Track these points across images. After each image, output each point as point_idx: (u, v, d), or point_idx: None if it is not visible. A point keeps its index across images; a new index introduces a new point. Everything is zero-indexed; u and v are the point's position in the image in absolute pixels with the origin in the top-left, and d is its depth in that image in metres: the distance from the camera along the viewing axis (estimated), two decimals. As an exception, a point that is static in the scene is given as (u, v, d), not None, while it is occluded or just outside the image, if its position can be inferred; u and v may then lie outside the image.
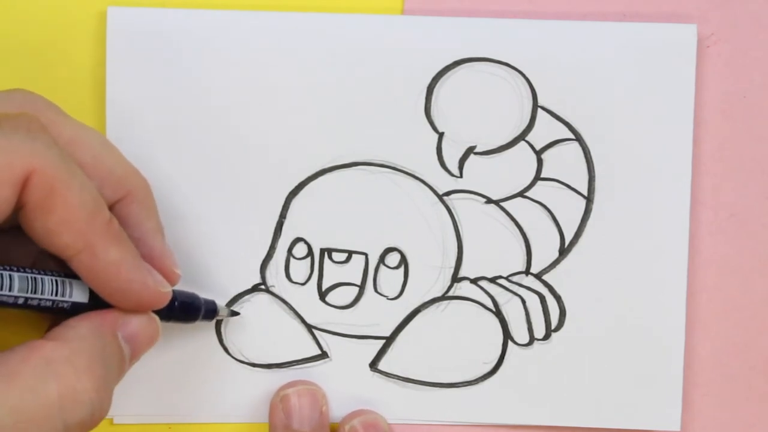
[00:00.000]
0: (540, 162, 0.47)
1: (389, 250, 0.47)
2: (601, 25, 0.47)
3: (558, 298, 0.47)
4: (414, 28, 0.47)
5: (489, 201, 0.47)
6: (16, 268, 0.38)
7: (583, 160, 0.47)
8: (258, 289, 0.47)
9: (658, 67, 0.47)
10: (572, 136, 0.47)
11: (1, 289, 0.37)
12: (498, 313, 0.47)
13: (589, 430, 0.47)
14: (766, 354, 0.48)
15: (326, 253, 0.47)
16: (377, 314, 0.47)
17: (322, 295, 0.47)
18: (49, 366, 0.36)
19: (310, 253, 0.47)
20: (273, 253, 0.47)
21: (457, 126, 0.47)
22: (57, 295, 0.38)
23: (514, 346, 0.47)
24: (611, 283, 0.47)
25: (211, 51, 0.47)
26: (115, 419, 0.47)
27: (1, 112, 0.36)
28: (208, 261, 0.47)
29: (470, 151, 0.47)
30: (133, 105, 0.46)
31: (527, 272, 0.47)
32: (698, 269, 0.48)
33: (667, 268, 0.47)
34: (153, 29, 0.46)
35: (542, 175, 0.47)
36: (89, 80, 0.47)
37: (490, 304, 0.47)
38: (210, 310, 0.45)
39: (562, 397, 0.47)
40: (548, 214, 0.47)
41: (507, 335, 0.47)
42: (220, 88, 0.47)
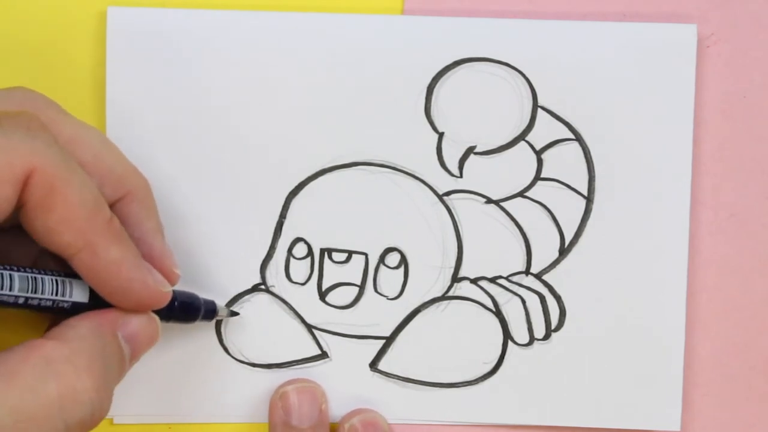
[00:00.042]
0: (540, 162, 0.47)
1: (389, 250, 0.47)
2: (601, 25, 0.47)
3: (558, 298, 0.47)
4: (414, 28, 0.47)
5: (489, 201, 0.47)
6: (16, 268, 0.37)
7: (583, 160, 0.47)
8: (258, 289, 0.47)
9: (658, 67, 0.47)
10: (572, 136, 0.47)
11: (2, 289, 0.37)
12: (498, 313, 0.47)
13: (589, 430, 0.47)
14: (766, 354, 0.48)
15: (326, 253, 0.47)
16: (377, 314, 0.47)
17: (322, 295, 0.47)
18: (49, 365, 0.36)
19: (310, 253, 0.47)
20: (273, 253, 0.47)
21: (457, 126, 0.47)
22: (57, 294, 0.38)
23: (514, 346, 0.47)
24: (611, 283, 0.47)
25: (211, 51, 0.47)
26: (115, 419, 0.47)
27: (1, 110, 0.37)
28: (208, 261, 0.47)
29: (470, 151, 0.47)
30: (133, 105, 0.46)
31: (527, 272, 0.47)
32: (698, 269, 0.48)
33: (667, 268, 0.47)
34: (153, 29, 0.46)
35: (542, 175, 0.47)
36: (89, 80, 0.47)
37: (490, 304, 0.47)
38: (209, 310, 0.45)
39: (562, 397, 0.47)
40: (548, 214, 0.47)
41: (507, 335, 0.47)
42: (220, 88, 0.47)
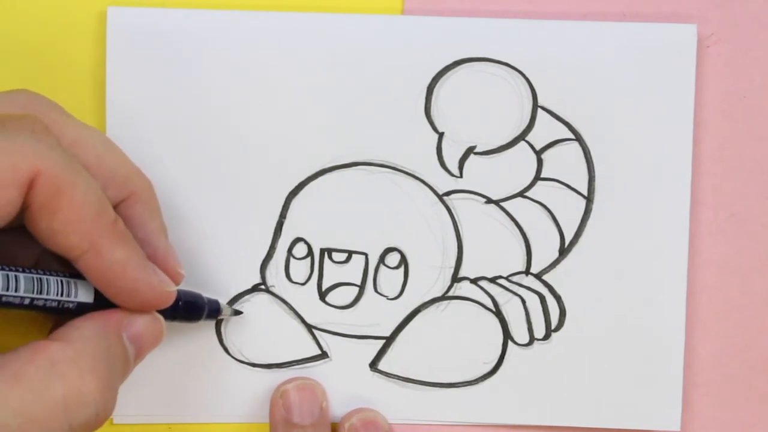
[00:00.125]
0: (540, 162, 0.47)
1: (389, 250, 0.47)
2: (601, 25, 0.47)
3: (558, 298, 0.47)
4: (414, 28, 0.47)
5: (489, 201, 0.47)
6: (21, 269, 0.37)
7: (583, 160, 0.47)
8: (258, 289, 0.47)
9: (658, 67, 0.47)
10: (572, 136, 0.47)
11: (7, 290, 0.37)
12: (498, 313, 0.47)
13: (589, 430, 0.47)
14: (766, 354, 0.48)
15: (326, 253, 0.47)
16: (377, 314, 0.47)
17: (322, 295, 0.47)
18: (54, 367, 0.36)
19: (310, 253, 0.47)
20: (273, 253, 0.47)
21: (457, 126, 0.47)
22: (62, 295, 0.38)
23: (514, 346, 0.47)
24: (611, 283, 0.47)
25: (211, 51, 0.46)
26: (115, 419, 0.47)
27: (4, 113, 0.37)
28: (208, 261, 0.47)
29: (470, 151, 0.47)
30: (133, 105, 0.46)
31: (527, 272, 0.47)
32: (698, 269, 0.48)
33: (667, 268, 0.47)
34: (153, 29, 0.46)
35: (542, 175, 0.47)
36: (89, 80, 0.47)
37: (490, 304, 0.47)
38: (213, 309, 0.45)
39: (562, 397, 0.47)
40: (548, 214, 0.47)
41: (507, 335, 0.47)
42: (220, 88, 0.47)
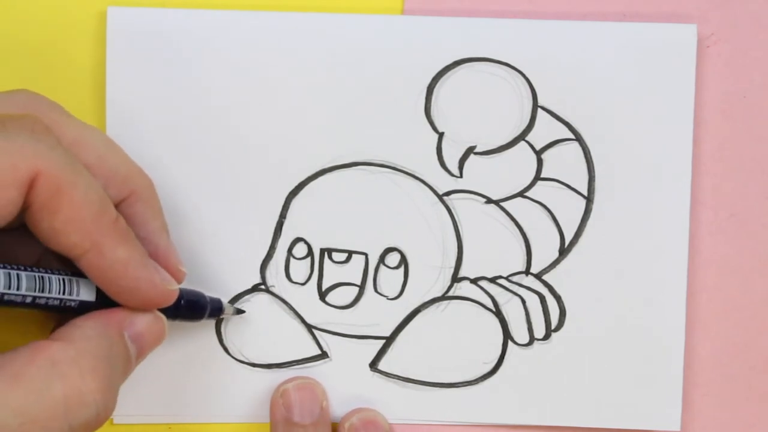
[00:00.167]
0: (540, 162, 0.47)
1: (389, 250, 0.47)
2: (601, 25, 0.47)
3: (558, 298, 0.47)
4: (414, 28, 0.47)
5: (489, 201, 0.47)
6: (23, 267, 0.37)
7: (583, 160, 0.47)
8: (258, 289, 0.47)
9: (658, 67, 0.47)
10: (572, 136, 0.47)
11: (9, 288, 0.37)
12: (498, 313, 0.47)
13: (589, 430, 0.47)
14: (766, 354, 0.48)
15: (326, 253, 0.47)
16: (377, 314, 0.47)
17: (322, 295, 0.47)
18: (55, 367, 0.36)
19: (310, 253, 0.47)
20: (273, 253, 0.47)
21: (457, 126, 0.47)
22: (64, 293, 0.38)
23: (514, 346, 0.47)
24: (611, 283, 0.47)
25: (211, 51, 0.46)
26: (115, 419, 0.47)
27: (4, 113, 0.37)
28: (208, 261, 0.47)
29: (470, 151, 0.47)
30: (133, 105, 0.46)
31: (527, 272, 0.47)
32: (698, 269, 0.48)
33: (667, 268, 0.47)
34: (153, 29, 0.46)
35: (542, 175, 0.47)
36: (89, 80, 0.47)
37: (490, 304, 0.47)
38: (216, 308, 0.45)
39: (562, 397, 0.47)
40: (548, 214, 0.47)
41: (507, 335, 0.47)
42: (220, 88, 0.47)
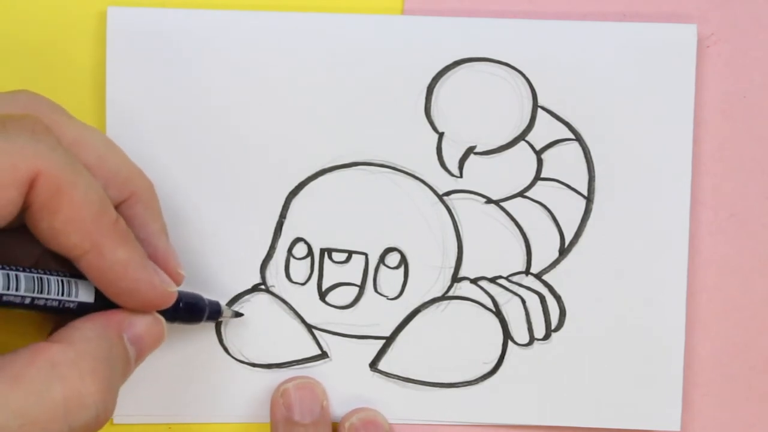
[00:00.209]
0: (540, 162, 0.47)
1: (389, 250, 0.47)
2: (601, 25, 0.47)
3: (558, 298, 0.47)
4: (414, 28, 0.47)
5: (489, 201, 0.47)
6: (22, 268, 0.37)
7: (583, 160, 0.47)
8: (258, 289, 0.47)
9: (658, 67, 0.47)
10: (572, 136, 0.47)
11: (8, 289, 0.36)
12: (498, 313, 0.47)
13: (589, 430, 0.47)
14: (766, 354, 0.48)
15: (326, 253, 0.47)
16: (377, 314, 0.47)
17: (322, 295, 0.47)
18: (55, 369, 0.36)
19: (310, 253, 0.47)
20: (273, 253, 0.47)
21: (457, 126, 0.47)
22: (63, 295, 0.38)
23: (514, 346, 0.47)
24: (611, 283, 0.47)
25: (211, 51, 0.46)
26: (115, 419, 0.47)
27: (5, 113, 0.37)
28: (208, 261, 0.47)
29: (470, 151, 0.47)
30: (133, 105, 0.46)
31: (527, 272, 0.47)
32: (698, 269, 0.48)
33: (667, 268, 0.47)
34: (153, 29, 0.46)
35: (542, 175, 0.47)
36: (89, 80, 0.47)
37: (490, 304, 0.47)
38: (214, 311, 0.45)
39: (562, 397, 0.47)
40: (548, 214, 0.47)
41: (507, 335, 0.47)
42: (220, 88, 0.47)
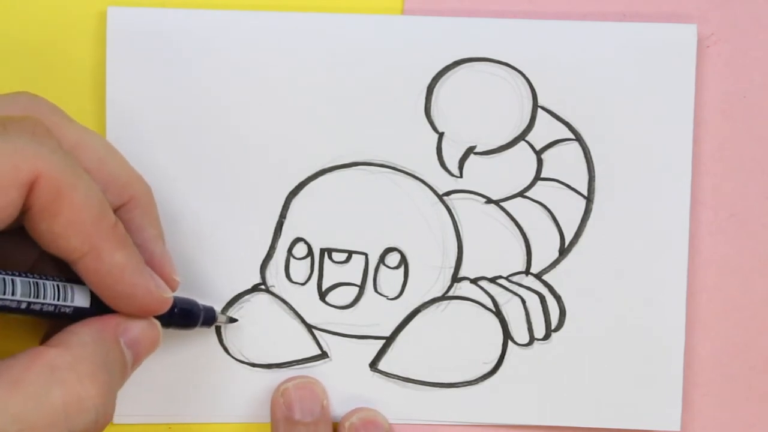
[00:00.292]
0: (540, 162, 0.47)
1: (389, 250, 0.47)
2: (601, 25, 0.47)
3: (558, 298, 0.47)
4: (414, 28, 0.47)
5: (489, 201, 0.47)
6: (18, 273, 0.37)
7: (583, 160, 0.47)
8: (258, 289, 0.47)
9: (658, 67, 0.47)
10: (572, 136, 0.47)
11: (4, 294, 0.36)
12: (498, 313, 0.47)
13: (589, 430, 0.47)
14: (766, 354, 0.48)
15: (326, 253, 0.47)
16: (377, 314, 0.47)
17: (322, 295, 0.47)
18: (53, 373, 0.36)
19: (310, 253, 0.47)
20: (273, 253, 0.47)
21: (457, 126, 0.47)
22: (59, 299, 0.38)
23: (514, 346, 0.47)
24: (611, 283, 0.47)
25: (211, 51, 0.46)
26: (115, 419, 0.47)
27: (5, 115, 0.36)
28: (208, 261, 0.47)
29: (470, 151, 0.47)
30: (133, 105, 0.46)
31: (527, 272, 0.47)
32: (698, 269, 0.48)
33: (667, 268, 0.47)
34: (153, 29, 0.46)
35: (542, 175, 0.47)
36: (89, 80, 0.47)
37: (490, 304, 0.47)
38: (209, 317, 0.45)
39: (562, 397, 0.47)
40: (548, 214, 0.47)
41: (507, 335, 0.47)
42: (220, 88, 0.47)
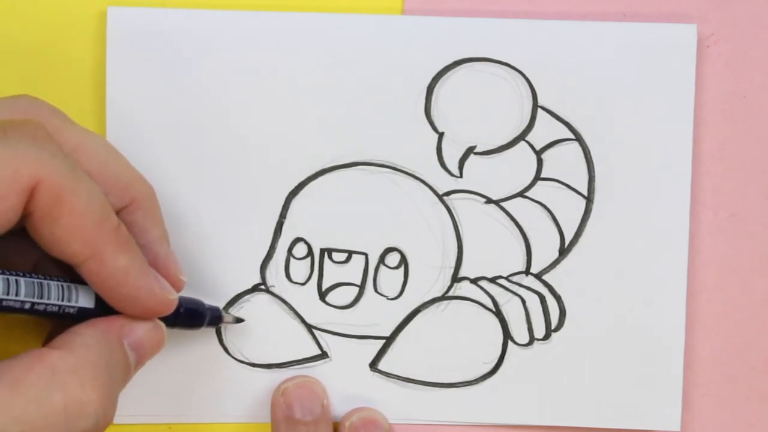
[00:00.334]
0: (540, 162, 0.47)
1: (389, 250, 0.47)
2: (601, 25, 0.47)
3: (558, 298, 0.47)
4: (414, 28, 0.47)
5: (489, 201, 0.47)
6: (22, 273, 0.37)
7: (583, 160, 0.47)
8: (258, 289, 0.47)
9: (658, 67, 0.47)
10: (572, 136, 0.47)
11: (8, 294, 0.36)
12: (498, 313, 0.47)
13: (589, 430, 0.47)
14: (766, 354, 0.48)
15: (326, 253, 0.47)
16: (377, 314, 0.47)
17: (322, 295, 0.47)
18: (55, 376, 0.35)
19: (310, 253, 0.47)
20: (273, 253, 0.47)
21: (457, 126, 0.47)
22: (63, 300, 0.38)
23: (514, 346, 0.47)
24: (611, 283, 0.47)
25: (211, 51, 0.46)
26: (116, 419, 0.46)
27: (6, 119, 0.36)
28: (208, 261, 0.47)
29: (470, 151, 0.47)
30: (133, 105, 0.46)
31: (527, 272, 0.47)
32: (698, 269, 0.48)
33: (667, 268, 0.47)
34: (153, 29, 0.46)
35: (542, 175, 0.47)
36: (89, 80, 0.47)
37: (490, 304, 0.47)
38: (215, 316, 0.45)
39: (562, 397, 0.47)
40: (548, 214, 0.47)
41: (507, 335, 0.47)
42: (220, 88, 0.47)
